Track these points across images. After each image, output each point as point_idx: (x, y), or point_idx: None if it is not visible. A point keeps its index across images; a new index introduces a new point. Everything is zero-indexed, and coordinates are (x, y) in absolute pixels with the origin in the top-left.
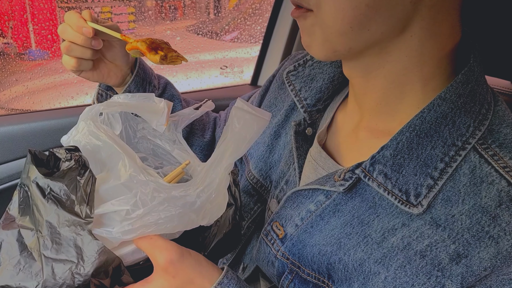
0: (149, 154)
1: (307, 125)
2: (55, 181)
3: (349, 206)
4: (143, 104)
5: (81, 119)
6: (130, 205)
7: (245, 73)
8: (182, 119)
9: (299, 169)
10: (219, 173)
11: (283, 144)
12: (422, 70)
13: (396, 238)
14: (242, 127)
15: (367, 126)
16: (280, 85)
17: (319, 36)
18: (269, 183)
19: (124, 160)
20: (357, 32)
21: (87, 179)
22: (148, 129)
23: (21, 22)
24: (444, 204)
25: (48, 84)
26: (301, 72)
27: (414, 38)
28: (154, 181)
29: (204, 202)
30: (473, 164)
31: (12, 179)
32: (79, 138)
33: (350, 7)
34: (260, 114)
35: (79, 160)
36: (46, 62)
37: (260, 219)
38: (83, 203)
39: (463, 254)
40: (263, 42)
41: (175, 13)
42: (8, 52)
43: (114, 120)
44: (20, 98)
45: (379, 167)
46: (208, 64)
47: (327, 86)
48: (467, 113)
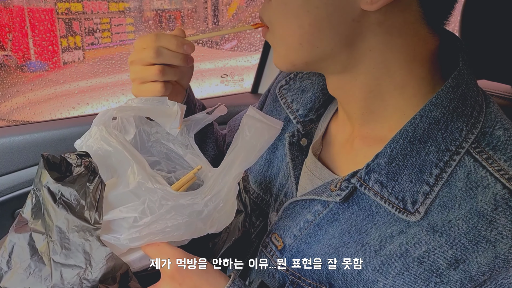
0: (162, 158)
1: (301, 136)
2: (66, 186)
3: (347, 215)
4: (157, 107)
5: (94, 124)
6: (138, 213)
7: (246, 81)
8: (195, 123)
9: (296, 180)
10: (227, 182)
11: (280, 157)
12: (393, 79)
13: (393, 246)
14: (252, 135)
15: (359, 135)
16: (274, 99)
17: (278, 51)
18: (270, 197)
19: (133, 167)
20: (307, 49)
21: (96, 185)
22: (161, 133)
23: (21, 34)
24: (440, 210)
25: (49, 94)
26: (293, 85)
27: (374, 51)
28: (162, 189)
29: (212, 211)
30: (468, 168)
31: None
32: (91, 143)
33: (296, 26)
34: (271, 123)
35: (89, 166)
36: (47, 74)
37: (263, 233)
38: (92, 209)
39: (461, 259)
40: (263, 50)
41: (174, 23)
42: (8, 64)
43: (128, 124)
44: (21, 109)
45: (375, 176)
46: (208, 73)
47: (318, 96)
48: (459, 117)
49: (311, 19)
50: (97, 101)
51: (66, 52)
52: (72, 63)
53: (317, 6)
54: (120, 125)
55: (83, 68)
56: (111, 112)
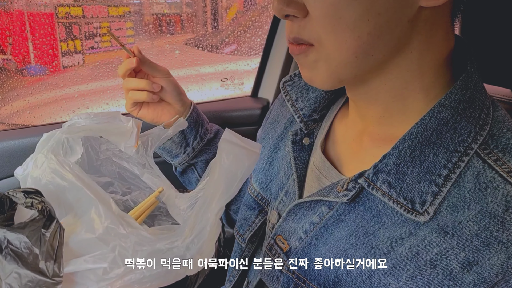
0: (114, 178)
1: (304, 135)
2: (14, 232)
3: (353, 216)
4: (109, 125)
5: (38, 150)
6: (108, 262)
7: (246, 85)
8: (153, 140)
9: (298, 179)
10: (209, 219)
11: (281, 156)
12: (423, 81)
13: (404, 248)
14: (231, 162)
15: (369, 134)
16: (282, 103)
17: (323, 70)
18: (270, 195)
19: (98, 209)
20: (361, 60)
21: (53, 231)
22: (112, 150)
23: (21, 38)
24: (450, 211)
25: (49, 98)
26: (297, 82)
27: (413, 52)
28: (135, 233)
29: (194, 254)
30: (476, 169)
31: None
32: (38, 175)
33: (353, 38)
34: (250, 147)
35: (43, 210)
36: (47, 77)
37: (262, 232)
38: (49, 259)
39: (474, 261)
40: (263, 54)
41: (174, 27)
42: (8, 68)
43: (75, 143)
44: (22, 112)
45: (383, 176)
46: (208, 77)
47: (323, 96)
48: (468, 119)
49: (371, 27)
50: (97, 105)
51: (66, 56)
52: (72, 67)
53: (379, 12)
54: (66, 145)
55: (83, 72)
56: (59, 135)
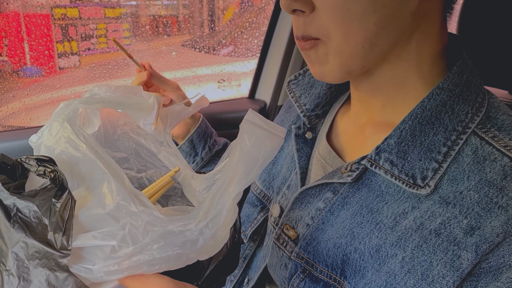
0: (130, 154)
1: (306, 129)
2: (24, 200)
3: (357, 197)
4: (130, 100)
5: (55, 118)
6: (117, 240)
7: (243, 86)
8: (172, 117)
9: (300, 170)
10: (226, 203)
11: (284, 155)
12: (420, 70)
13: (408, 221)
14: (253, 145)
15: (372, 125)
16: (287, 109)
17: (334, 63)
18: (272, 192)
19: (110, 183)
20: (368, 50)
21: (64, 202)
22: (130, 125)
23: (17, 39)
24: (450, 184)
25: (45, 100)
26: (301, 80)
27: (412, 43)
28: (147, 212)
29: (208, 239)
30: (474, 146)
31: None
32: (52, 144)
33: (360, 29)
34: (274, 130)
35: (56, 179)
36: (43, 79)
37: (264, 229)
38: (58, 230)
39: (476, 226)
40: (261, 55)
41: (171, 28)
42: (4, 69)
43: (92, 113)
44: (18, 114)
45: (385, 155)
46: (205, 78)
47: (325, 92)
48: (465, 101)
49: (377, 18)
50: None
51: (62, 57)
52: (68, 68)
53: (384, 4)
54: (83, 116)
55: (79, 73)
56: (76, 105)
